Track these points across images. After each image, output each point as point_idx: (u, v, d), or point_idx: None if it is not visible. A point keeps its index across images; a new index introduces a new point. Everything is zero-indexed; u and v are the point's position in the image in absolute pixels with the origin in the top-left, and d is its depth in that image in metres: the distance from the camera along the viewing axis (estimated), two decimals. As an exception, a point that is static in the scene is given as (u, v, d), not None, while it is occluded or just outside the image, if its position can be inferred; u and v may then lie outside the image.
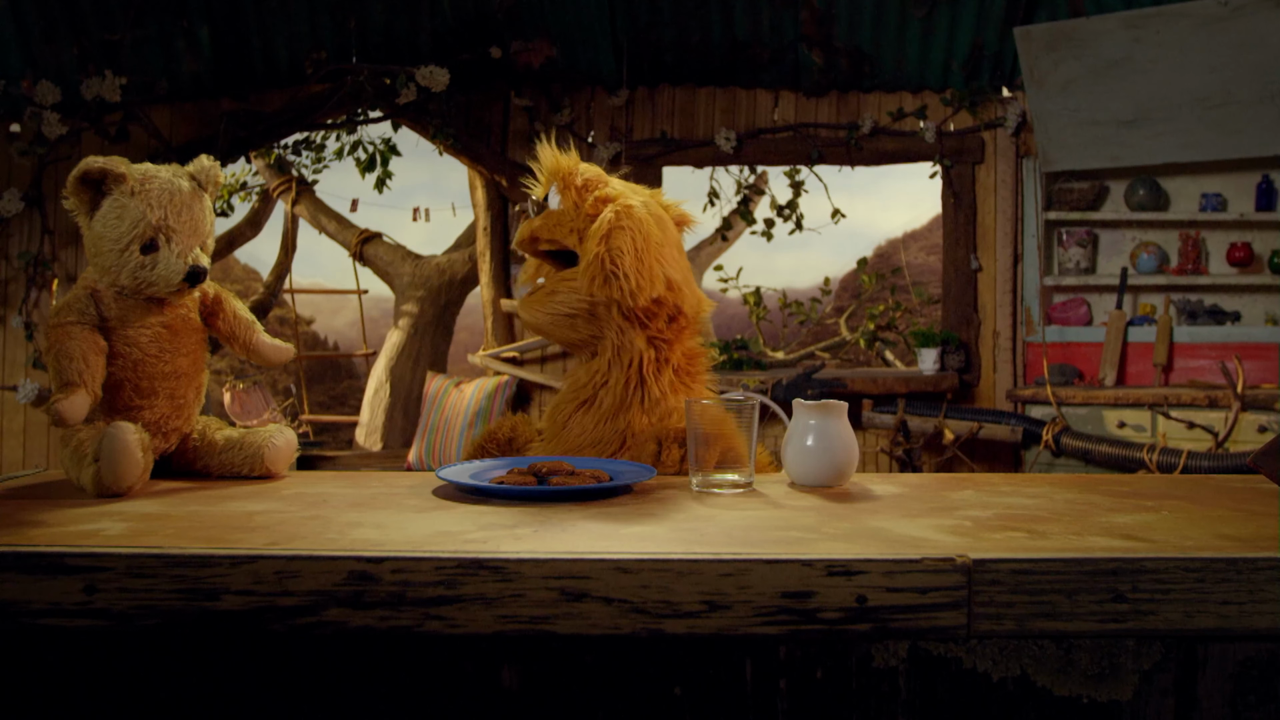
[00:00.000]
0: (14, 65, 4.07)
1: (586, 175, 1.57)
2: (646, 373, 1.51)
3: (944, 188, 4.69)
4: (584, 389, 1.53)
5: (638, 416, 1.49)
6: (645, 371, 1.50)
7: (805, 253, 11.69)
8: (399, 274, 5.87)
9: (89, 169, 1.30)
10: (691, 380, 1.56)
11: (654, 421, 1.48)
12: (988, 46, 4.45)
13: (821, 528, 1.04)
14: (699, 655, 0.93)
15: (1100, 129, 4.16)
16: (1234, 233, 4.43)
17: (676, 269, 1.53)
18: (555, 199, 1.58)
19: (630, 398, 1.50)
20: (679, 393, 1.53)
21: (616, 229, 1.46)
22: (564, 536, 0.99)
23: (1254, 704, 0.93)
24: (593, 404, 1.52)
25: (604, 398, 1.51)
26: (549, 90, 4.69)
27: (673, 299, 1.52)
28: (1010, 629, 0.90)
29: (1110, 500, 1.21)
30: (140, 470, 1.24)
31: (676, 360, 1.54)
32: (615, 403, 1.50)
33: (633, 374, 1.50)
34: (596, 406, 1.51)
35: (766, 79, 4.70)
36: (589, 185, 1.55)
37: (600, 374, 1.52)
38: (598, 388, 1.52)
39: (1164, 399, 3.95)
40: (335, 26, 4.37)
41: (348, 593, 0.90)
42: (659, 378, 1.51)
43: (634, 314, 1.50)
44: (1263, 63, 3.81)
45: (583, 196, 1.54)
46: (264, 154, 5.83)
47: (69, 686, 0.94)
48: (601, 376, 1.52)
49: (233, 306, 1.45)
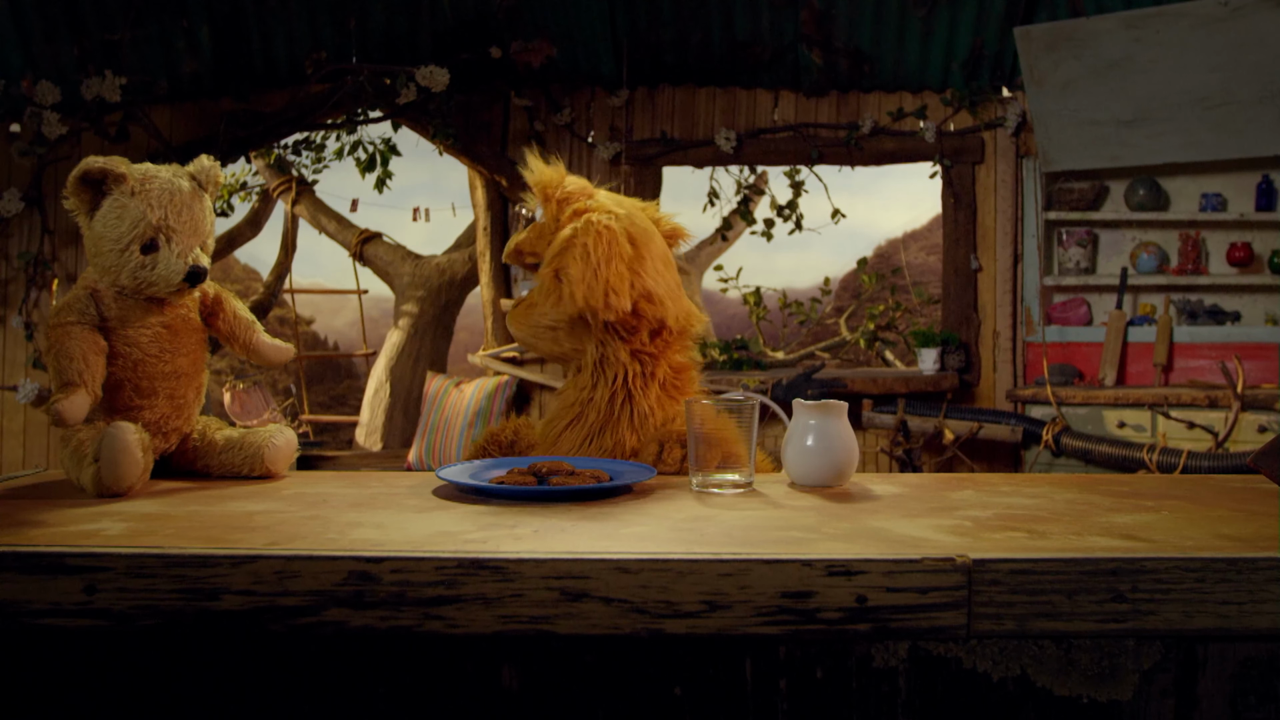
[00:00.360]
0: (14, 65, 4.07)
1: (569, 189, 1.56)
2: (633, 386, 1.49)
3: (944, 188, 4.69)
4: (572, 406, 1.53)
5: (627, 433, 1.48)
6: (632, 385, 1.49)
7: (805, 253, 11.67)
8: (399, 274, 5.87)
9: (89, 169, 1.30)
10: (680, 395, 1.55)
11: (642, 438, 1.48)
12: (988, 46, 4.45)
13: (821, 528, 1.04)
14: (699, 655, 0.93)
15: (1100, 129, 4.16)
16: (1234, 233, 4.43)
17: (659, 282, 1.51)
18: (540, 212, 1.58)
19: (618, 413, 1.49)
20: (665, 408, 1.52)
21: (569, 246, 1.46)
22: (564, 536, 0.99)
23: (1254, 704, 0.93)
24: (580, 420, 1.51)
25: (590, 414, 1.50)
26: (549, 90, 4.69)
27: (653, 312, 1.50)
28: (1010, 629, 0.90)
29: (1110, 500, 1.21)
30: (140, 470, 1.24)
31: (663, 374, 1.53)
32: (601, 419, 1.49)
33: (618, 388, 1.49)
34: (584, 422, 1.51)
35: (766, 79, 4.70)
36: (568, 199, 1.54)
37: (586, 390, 1.52)
38: (584, 404, 1.51)
39: (1164, 399, 3.95)
40: (335, 26, 4.37)
41: (348, 593, 0.90)
42: (646, 392, 1.50)
43: (613, 327, 1.49)
44: (1263, 63, 3.81)
45: (561, 209, 1.54)
46: (264, 154, 5.83)
47: (69, 686, 0.94)
48: (587, 393, 1.51)
49: (233, 306, 1.45)
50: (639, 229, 1.53)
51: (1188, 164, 4.32)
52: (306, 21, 4.33)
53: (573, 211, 1.53)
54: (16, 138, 4.21)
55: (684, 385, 1.56)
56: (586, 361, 1.52)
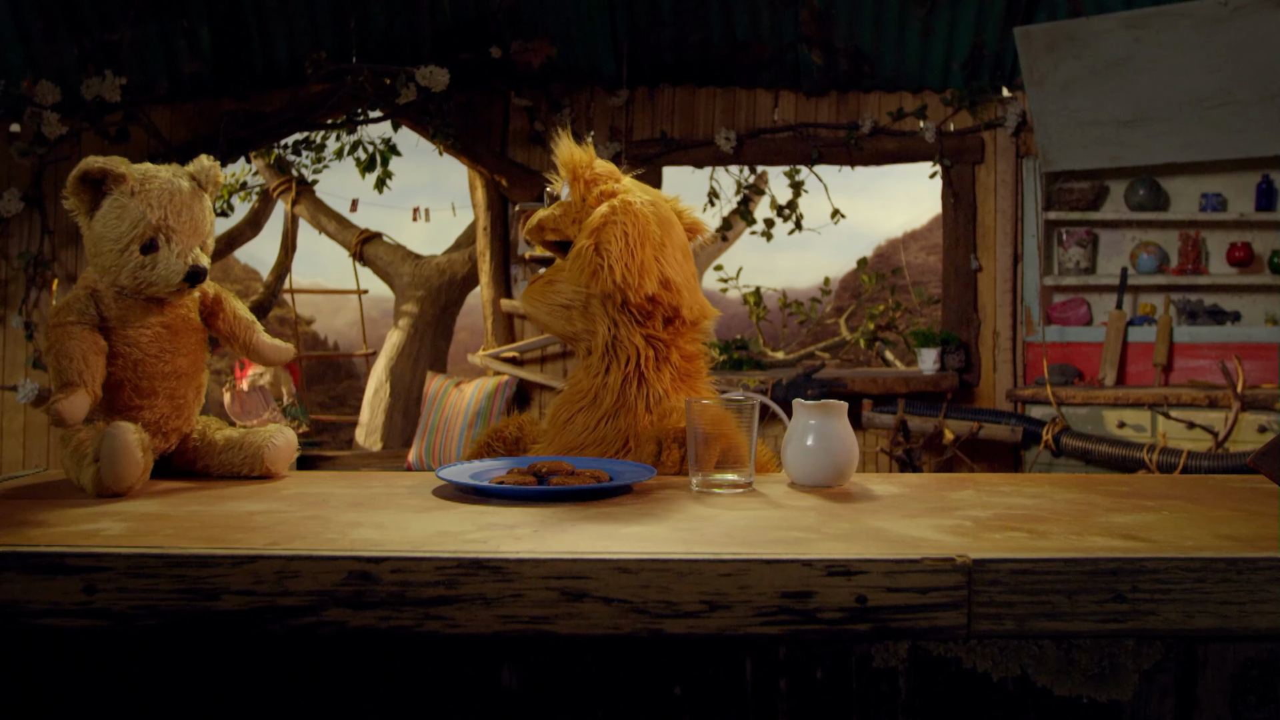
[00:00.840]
0: (14, 65, 4.07)
1: (599, 170, 1.58)
2: (646, 369, 1.50)
3: (944, 188, 4.68)
4: (586, 392, 1.53)
5: (642, 415, 1.48)
6: (645, 368, 1.50)
7: (805, 253, 11.68)
8: (399, 274, 5.87)
9: (89, 169, 1.30)
10: (694, 380, 1.56)
11: (656, 420, 1.48)
12: (988, 46, 4.45)
13: (821, 528, 1.04)
14: (699, 655, 0.93)
15: (1100, 129, 4.16)
16: (1234, 233, 4.43)
17: (678, 271, 1.53)
18: (566, 191, 1.59)
19: (634, 396, 1.49)
20: (680, 392, 1.52)
21: (610, 222, 1.47)
22: (564, 536, 0.99)
23: (1254, 704, 0.93)
24: (594, 404, 1.51)
25: (605, 397, 1.51)
26: (549, 90, 4.69)
27: (670, 299, 1.51)
28: (1010, 629, 0.90)
29: (1110, 500, 1.21)
30: (140, 470, 1.24)
31: (675, 360, 1.54)
32: (615, 401, 1.50)
33: (631, 371, 1.50)
34: (597, 406, 1.51)
35: (766, 79, 4.70)
36: (597, 180, 1.56)
37: (599, 375, 1.52)
38: (599, 389, 1.52)
39: (1164, 399, 3.95)
40: (335, 26, 4.37)
41: (348, 593, 0.90)
42: (659, 375, 1.51)
43: (629, 309, 1.50)
44: (1263, 63, 3.81)
45: (589, 189, 1.55)
46: (264, 154, 5.83)
47: (69, 686, 0.94)
48: (600, 378, 1.52)
49: (233, 306, 1.45)
50: (663, 217, 1.54)
51: (1188, 164, 4.32)
52: (306, 21, 4.33)
53: (600, 193, 1.54)
54: (16, 138, 4.21)
55: (695, 373, 1.57)
56: (597, 344, 1.52)
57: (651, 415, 1.48)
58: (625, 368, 1.50)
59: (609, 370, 1.51)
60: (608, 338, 1.51)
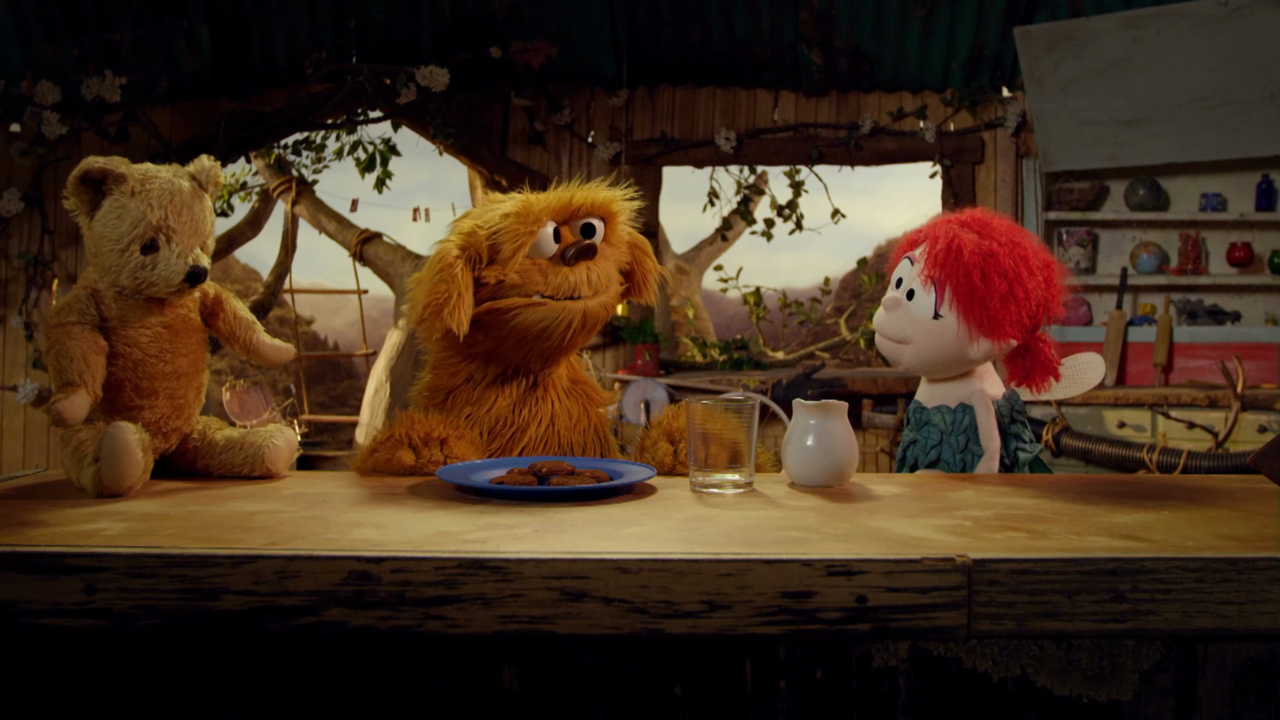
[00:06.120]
0: (14, 65, 4.06)
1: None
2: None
3: (944, 188, 4.68)
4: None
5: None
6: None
7: (805, 253, 11.65)
8: (399, 274, 5.86)
9: (89, 169, 1.30)
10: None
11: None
12: (988, 46, 4.45)
13: (821, 528, 1.04)
14: (699, 655, 0.93)
15: (1100, 129, 4.16)
16: (1234, 233, 4.43)
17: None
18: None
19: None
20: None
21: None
22: (564, 536, 0.99)
23: (1254, 704, 0.93)
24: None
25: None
26: (549, 90, 4.69)
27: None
28: (1010, 629, 0.90)
29: (1110, 500, 1.21)
30: (140, 470, 1.24)
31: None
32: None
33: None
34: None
35: (766, 79, 4.70)
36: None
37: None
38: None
39: (1164, 399, 3.95)
40: (335, 26, 4.37)
41: (348, 593, 0.90)
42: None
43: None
44: (1263, 63, 3.81)
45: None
46: (264, 154, 5.82)
47: (69, 686, 0.94)
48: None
49: (233, 306, 1.45)
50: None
51: (1188, 164, 4.32)
52: (306, 21, 4.33)
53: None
54: (16, 138, 4.20)
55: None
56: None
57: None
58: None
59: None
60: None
